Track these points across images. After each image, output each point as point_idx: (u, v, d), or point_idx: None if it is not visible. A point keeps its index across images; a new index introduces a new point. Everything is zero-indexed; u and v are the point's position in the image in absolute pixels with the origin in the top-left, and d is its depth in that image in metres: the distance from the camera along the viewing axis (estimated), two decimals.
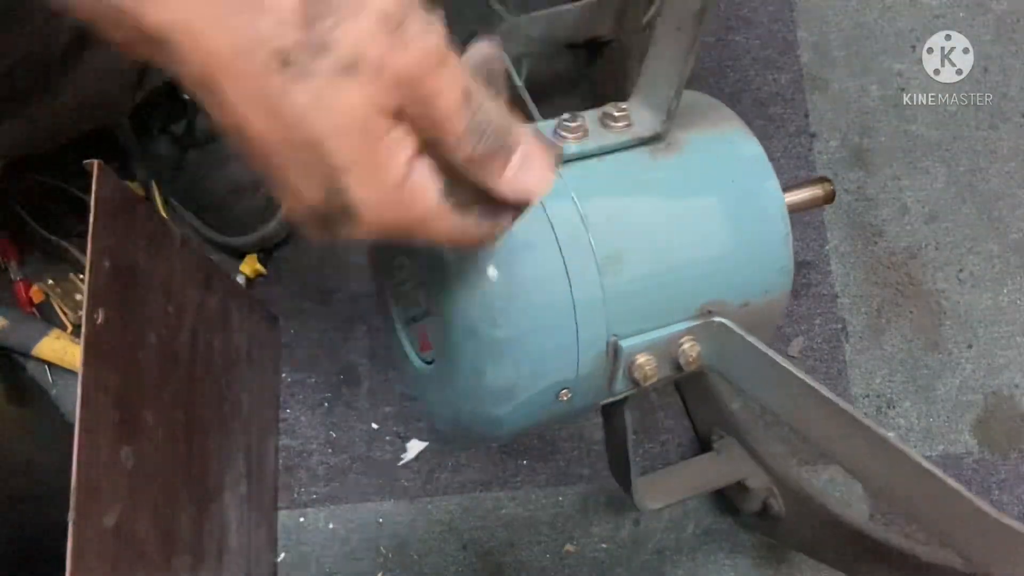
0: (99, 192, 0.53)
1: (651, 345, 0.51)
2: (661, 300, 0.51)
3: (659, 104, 0.53)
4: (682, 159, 0.53)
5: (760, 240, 0.53)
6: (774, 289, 0.54)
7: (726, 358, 0.52)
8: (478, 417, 0.50)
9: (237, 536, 0.76)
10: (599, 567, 0.87)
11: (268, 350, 0.89)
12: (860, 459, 0.47)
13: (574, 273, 0.48)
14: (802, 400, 0.49)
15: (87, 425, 0.50)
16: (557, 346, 0.48)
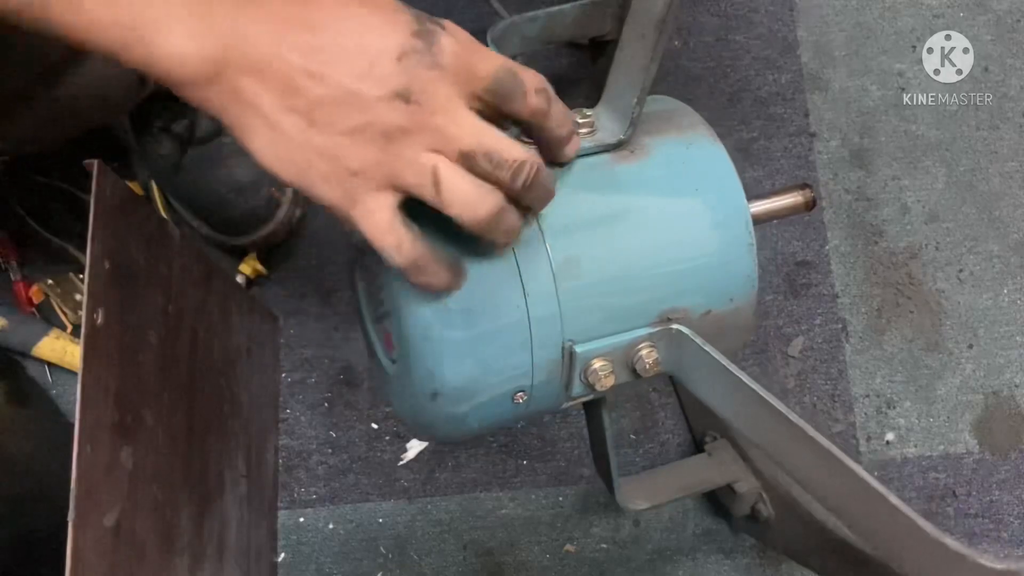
0: (99, 192, 0.53)
1: (608, 351, 0.50)
2: (618, 307, 0.51)
3: (623, 111, 0.53)
4: (644, 166, 0.53)
5: (723, 249, 0.53)
6: (739, 298, 0.54)
7: (683, 365, 0.52)
8: (437, 416, 0.50)
9: (237, 536, 0.76)
10: (599, 567, 0.87)
11: (268, 350, 0.89)
12: (807, 470, 0.47)
13: (528, 278, 0.48)
14: (754, 411, 0.49)
15: (87, 425, 0.50)
16: (510, 350, 0.48)
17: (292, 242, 0.94)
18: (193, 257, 0.69)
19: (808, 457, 0.46)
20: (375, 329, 0.56)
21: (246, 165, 0.89)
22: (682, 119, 0.57)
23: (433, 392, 0.48)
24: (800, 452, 0.47)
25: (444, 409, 0.49)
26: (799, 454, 0.47)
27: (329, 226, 0.95)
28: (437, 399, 0.49)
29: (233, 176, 0.88)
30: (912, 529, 0.42)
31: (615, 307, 0.51)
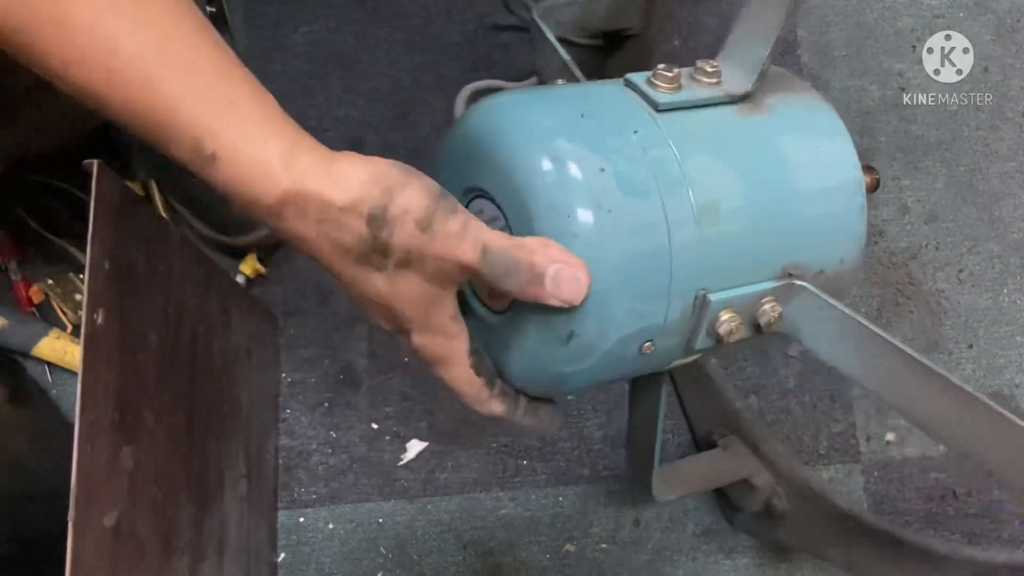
0: (99, 192, 0.53)
1: (736, 302, 0.50)
2: (749, 257, 0.51)
3: (750, 63, 0.53)
4: (769, 121, 0.53)
5: (839, 209, 0.54)
6: (848, 259, 0.55)
7: (805, 322, 0.52)
8: (554, 367, 0.49)
9: (237, 536, 0.76)
10: (599, 567, 0.87)
11: (268, 350, 0.89)
12: (952, 422, 0.47)
13: (673, 220, 0.47)
14: (889, 364, 0.48)
15: (87, 425, 0.50)
16: (649, 294, 0.48)
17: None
18: (193, 257, 0.69)
19: (950, 408, 0.46)
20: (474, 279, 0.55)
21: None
22: (791, 81, 0.58)
23: (569, 333, 0.47)
24: (941, 402, 0.46)
25: (574, 353, 0.48)
26: (938, 404, 0.47)
27: None
28: (571, 341, 0.47)
29: None
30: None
31: (746, 257, 0.51)
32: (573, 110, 0.50)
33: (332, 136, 0.98)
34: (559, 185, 0.46)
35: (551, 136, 0.47)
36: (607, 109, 0.50)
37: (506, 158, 0.48)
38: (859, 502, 0.90)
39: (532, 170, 0.47)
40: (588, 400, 0.91)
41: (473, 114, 0.52)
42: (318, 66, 1.00)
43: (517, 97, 0.52)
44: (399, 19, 1.02)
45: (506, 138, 0.48)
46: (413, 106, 0.99)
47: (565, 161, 0.46)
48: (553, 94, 0.53)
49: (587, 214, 0.45)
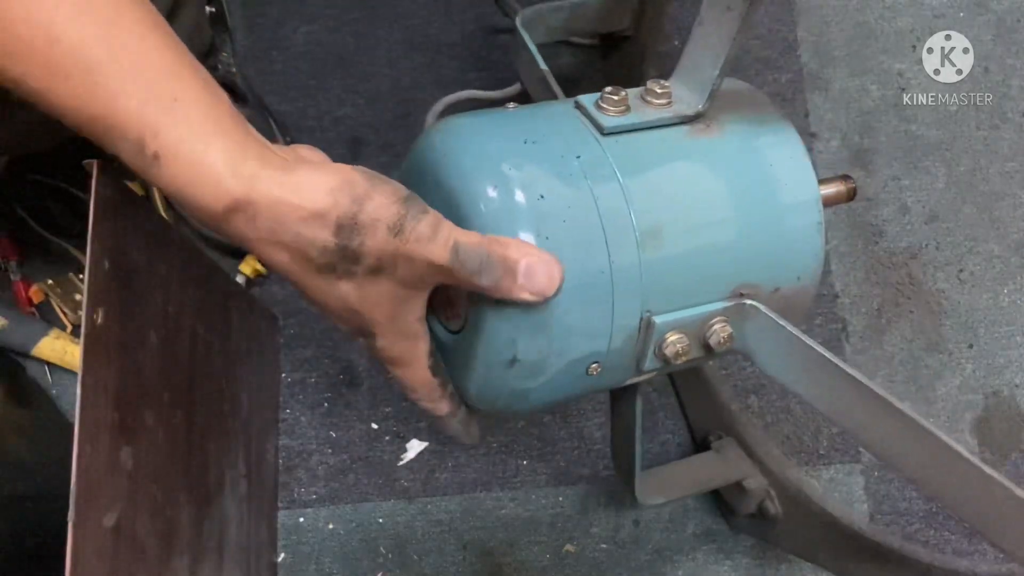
0: (99, 192, 0.53)
1: (683, 324, 0.51)
2: (696, 279, 0.51)
3: (701, 83, 0.53)
4: (721, 140, 0.53)
5: (794, 226, 0.54)
6: (805, 276, 0.55)
7: (757, 342, 0.52)
8: (504, 389, 0.50)
9: (237, 536, 0.76)
10: (599, 567, 0.87)
11: (268, 350, 0.89)
12: (894, 446, 0.47)
13: (614, 245, 0.48)
14: (835, 386, 0.48)
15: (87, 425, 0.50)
16: (592, 318, 0.48)
17: None
18: (193, 257, 0.69)
19: (892, 429, 0.46)
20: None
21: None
22: (750, 97, 0.58)
23: (512, 359, 0.48)
24: (884, 425, 0.47)
25: (519, 377, 0.49)
26: (882, 426, 0.47)
27: None
28: (515, 366, 0.48)
29: None
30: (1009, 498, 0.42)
31: (693, 279, 0.51)
32: (518, 136, 0.50)
33: (332, 136, 0.98)
34: (500, 211, 0.46)
35: (494, 163, 0.48)
36: (553, 134, 0.51)
37: (451, 183, 0.49)
38: (859, 502, 0.90)
39: (474, 196, 0.47)
40: (588, 400, 0.91)
41: (426, 137, 0.53)
42: (318, 66, 1.00)
43: (467, 120, 0.52)
44: (399, 19, 1.02)
45: (452, 163, 0.49)
46: (413, 106, 0.99)
47: (506, 188, 0.47)
48: (501, 118, 0.53)
49: (527, 240, 0.46)
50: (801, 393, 0.51)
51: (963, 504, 0.45)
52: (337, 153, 0.97)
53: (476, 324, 0.49)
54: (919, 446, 0.45)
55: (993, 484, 0.42)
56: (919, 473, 0.46)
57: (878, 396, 0.46)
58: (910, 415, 0.45)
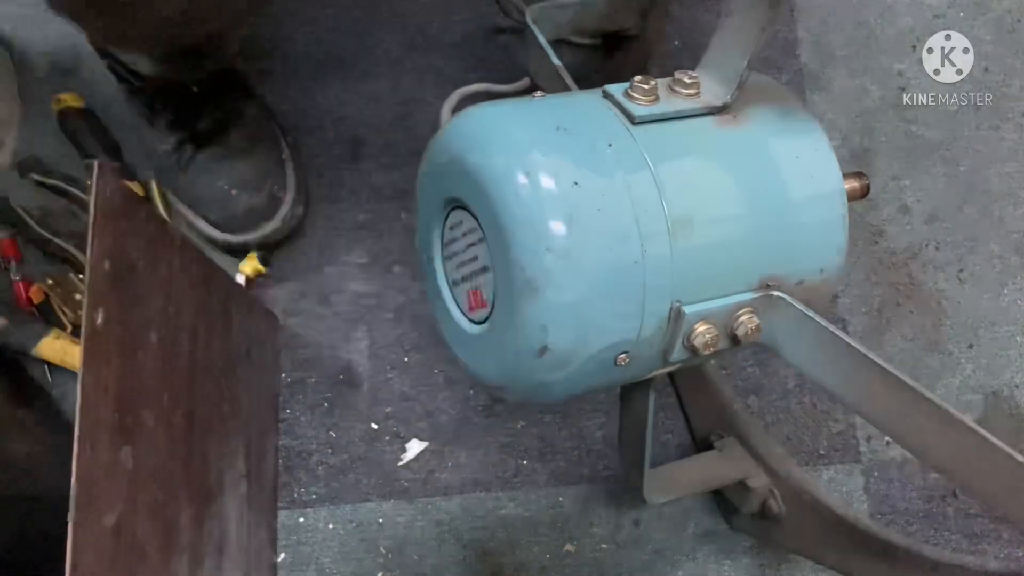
0: (99, 192, 0.53)
1: (712, 314, 0.51)
2: (725, 269, 0.51)
3: (728, 75, 0.53)
4: (747, 132, 0.54)
5: (818, 219, 0.54)
6: (828, 269, 0.55)
7: (782, 333, 0.52)
8: (533, 378, 0.50)
9: (237, 536, 0.76)
10: (599, 567, 0.87)
11: (268, 350, 0.89)
12: (922, 434, 0.47)
13: (646, 234, 0.47)
14: (863, 377, 0.48)
15: (87, 425, 0.50)
16: (623, 307, 0.48)
17: (292, 242, 0.94)
18: (193, 257, 0.69)
19: (927, 424, 0.46)
20: (454, 290, 0.55)
21: (250, 163, 0.89)
22: (774, 91, 0.58)
23: (542, 347, 0.47)
24: (918, 419, 0.47)
25: (549, 366, 0.48)
26: (916, 421, 0.47)
27: (329, 226, 0.95)
28: (545, 354, 0.48)
29: (237, 172, 0.88)
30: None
31: (722, 269, 0.51)
32: (549, 123, 0.50)
33: (332, 136, 0.98)
34: (532, 199, 0.46)
35: (526, 150, 0.48)
36: (583, 122, 0.51)
37: (481, 171, 0.48)
38: (859, 502, 0.90)
39: (506, 184, 0.47)
40: (588, 400, 0.91)
41: (452, 126, 0.52)
42: (318, 66, 1.00)
43: (495, 110, 0.52)
44: (399, 19, 1.02)
45: (482, 151, 0.49)
46: (413, 106, 0.99)
47: (539, 175, 0.46)
48: (530, 107, 0.53)
49: (560, 228, 0.46)
50: (826, 384, 0.51)
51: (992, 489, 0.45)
52: (337, 153, 0.97)
53: (505, 312, 0.49)
54: (947, 434, 0.45)
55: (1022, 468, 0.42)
56: (948, 461, 0.46)
57: (908, 387, 0.46)
58: (941, 405, 0.45)
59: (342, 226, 0.95)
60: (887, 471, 0.90)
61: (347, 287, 0.94)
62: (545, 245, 0.46)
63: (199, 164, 0.89)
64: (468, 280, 0.53)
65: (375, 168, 0.97)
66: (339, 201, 0.96)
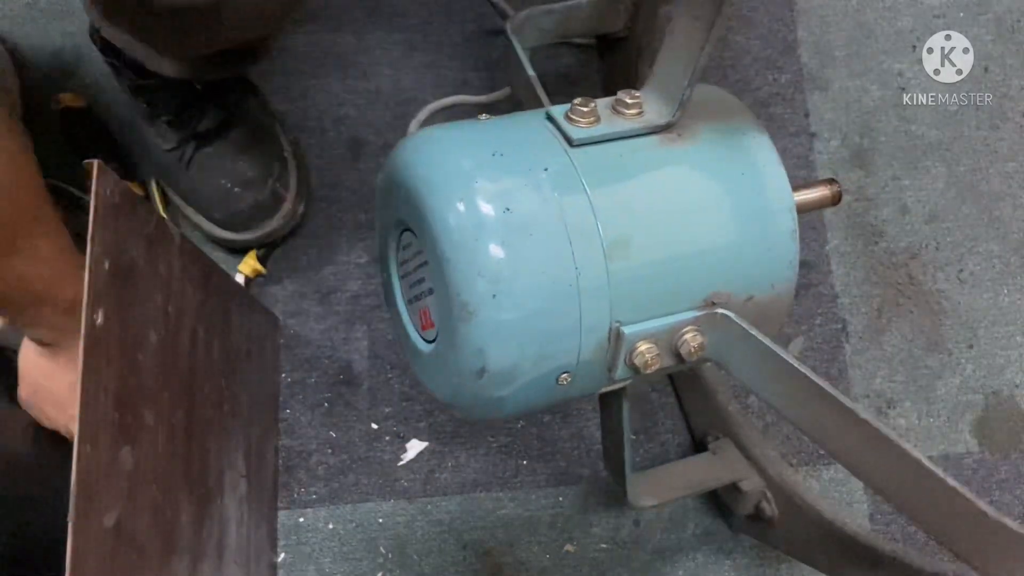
0: (99, 192, 0.53)
1: (653, 333, 0.51)
2: (666, 288, 0.51)
3: (672, 94, 0.53)
4: (692, 149, 0.53)
5: (767, 234, 0.53)
6: (780, 284, 0.54)
7: (728, 351, 0.52)
8: (478, 398, 0.50)
9: (237, 536, 0.76)
10: (599, 567, 0.87)
11: (268, 350, 0.89)
12: (860, 456, 0.47)
13: (580, 257, 0.48)
14: (803, 396, 0.49)
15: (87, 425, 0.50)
16: (560, 329, 0.48)
17: (292, 242, 0.94)
18: (193, 257, 0.69)
19: (858, 440, 0.46)
20: (409, 309, 0.56)
21: (252, 160, 0.89)
22: (725, 105, 0.58)
23: (480, 369, 0.48)
24: (850, 435, 0.47)
25: (489, 387, 0.49)
26: (849, 437, 0.47)
27: (329, 226, 0.95)
28: (484, 376, 0.48)
29: (239, 169, 0.88)
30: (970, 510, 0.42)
31: (662, 289, 0.51)
32: (487, 148, 0.50)
33: (332, 136, 0.98)
34: (466, 225, 0.47)
35: (462, 176, 0.48)
36: (522, 146, 0.51)
37: (420, 196, 0.49)
38: (859, 503, 0.90)
39: (441, 209, 0.48)
40: (588, 400, 0.91)
41: (399, 149, 0.53)
42: (318, 66, 1.00)
43: (437, 134, 0.53)
44: (399, 19, 1.02)
45: (421, 177, 0.50)
46: (413, 106, 0.99)
47: (473, 201, 0.47)
48: (473, 131, 0.53)
49: (492, 253, 0.46)
50: (770, 401, 0.51)
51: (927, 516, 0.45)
52: (337, 153, 0.97)
53: (447, 334, 0.50)
54: (885, 458, 0.45)
55: (956, 496, 0.42)
56: (884, 484, 0.47)
57: (845, 407, 0.46)
58: (876, 426, 0.45)
59: (342, 226, 0.95)
60: None
61: (347, 287, 0.94)
62: (477, 270, 0.46)
63: (201, 162, 0.89)
64: (419, 300, 0.54)
65: (375, 168, 0.97)
66: (339, 201, 0.96)
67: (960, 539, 0.44)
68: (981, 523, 0.42)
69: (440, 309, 0.50)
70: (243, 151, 0.89)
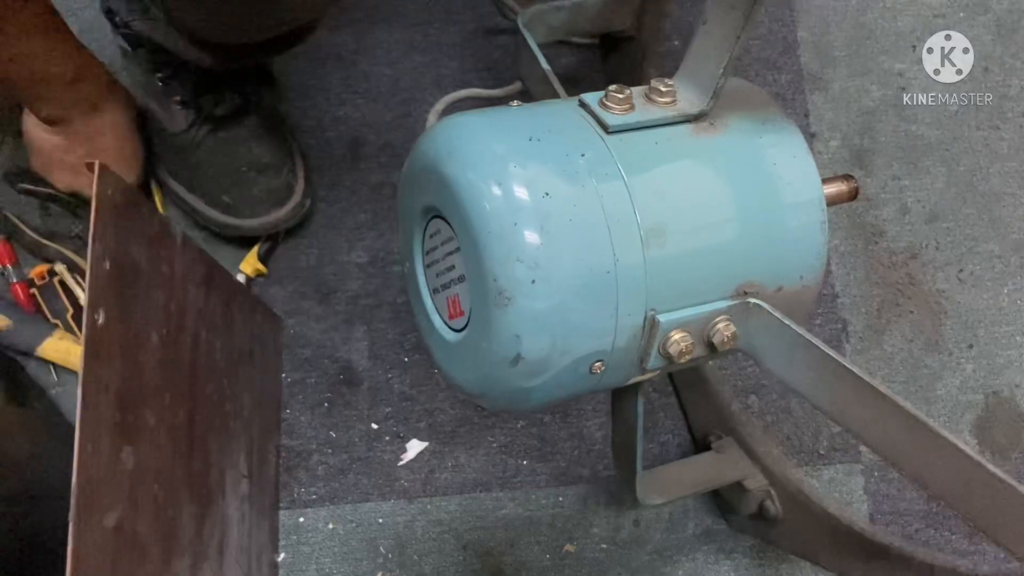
0: (101, 192, 0.53)
1: (687, 322, 0.51)
2: (700, 277, 0.51)
3: (705, 83, 0.53)
4: (724, 139, 0.53)
5: (797, 225, 0.53)
6: (808, 275, 0.55)
7: (760, 341, 0.52)
8: (508, 387, 0.50)
9: (237, 536, 0.76)
10: (599, 567, 0.87)
11: (270, 349, 0.89)
12: (897, 444, 0.47)
13: (618, 244, 0.48)
14: (840, 385, 0.48)
15: (88, 425, 0.50)
16: (596, 316, 0.48)
17: (292, 242, 0.94)
18: (195, 257, 0.69)
19: (895, 428, 0.46)
20: (435, 298, 0.56)
21: (267, 147, 0.89)
22: (753, 96, 0.58)
23: (516, 356, 0.48)
24: (892, 427, 0.47)
25: (522, 375, 0.49)
26: (885, 425, 0.47)
27: (329, 226, 0.95)
28: (519, 364, 0.48)
29: (254, 155, 0.88)
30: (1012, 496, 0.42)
31: (697, 278, 0.51)
32: (522, 133, 0.50)
33: (332, 136, 0.98)
34: (504, 210, 0.47)
35: (498, 161, 0.48)
36: (557, 132, 0.51)
37: (455, 181, 0.49)
38: (859, 502, 0.90)
39: (478, 194, 0.47)
40: (588, 400, 0.91)
41: (428, 135, 0.53)
42: (318, 66, 1.00)
43: (469, 119, 0.52)
44: (399, 19, 1.02)
45: (455, 161, 0.49)
46: (413, 106, 0.99)
47: (510, 186, 0.47)
48: (506, 116, 0.53)
49: (530, 239, 0.46)
50: (804, 392, 0.51)
51: (966, 502, 0.45)
52: (337, 153, 0.97)
53: (480, 321, 0.49)
54: (923, 445, 0.45)
55: (996, 482, 0.42)
56: (923, 472, 0.46)
57: (882, 395, 0.46)
58: (914, 413, 0.45)
59: (342, 226, 0.95)
60: (887, 471, 0.90)
61: (347, 287, 0.94)
62: (515, 256, 0.46)
63: (214, 145, 0.88)
64: (447, 288, 0.54)
65: (375, 168, 0.97)
66: (339, 201, 0.96)
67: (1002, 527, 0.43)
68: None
69: (473, 296, 0.50)
70: (258, 138, 0.88)
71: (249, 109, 0.89)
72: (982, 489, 0.43)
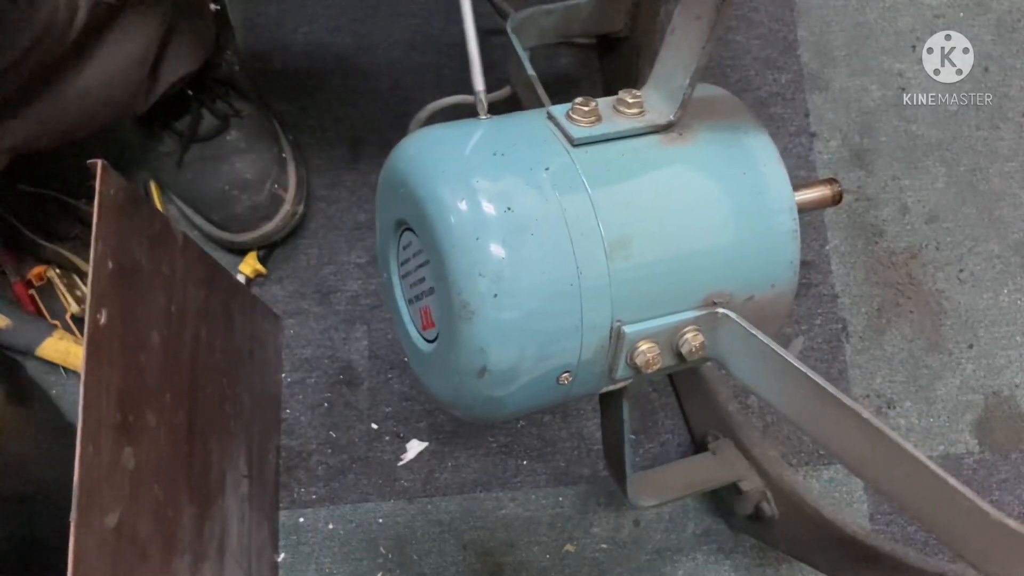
0: (103, 192, 0.53)
1: (654, 333, 0.51)
2: (667, 288, 0.51)
3: (673, 93, 0.53)
4: (693, 149, 0.53)
5: (768, 233, 0.53)
6: (780, 283, 0.54)
7: (728, 350, 0.52)
8: (478, 398, 0.50)
9: (238, 536, 0.76)
10: (599, 567, 0.87)
11: (270, 350, 0.89)
12: (861, 456, 0.47)
13: (581, 256, 0.48)
14: (804, 395, 0.49)
15: (89, 425, 0.50)
16: (561, 329, 0.48)
17: (292, 242, 0.94)
18: (196, 257, 0.69)
19: (858, 440, 0.46)
20: (409, 308, 0.56)
21: (250, 162, 0.89)
22: (726, 105, 0.58)
23: (482, 368, 0.48)
24: (850, 435, 0.47)
25: (490, 386, 0.49)
26: (849, 437, 0.47)
27: (329, 226, 0.95)
28: (485, 376, 0.48)
29: (236, 172, 0.88)
30: (971, 510, 0.41)
31: (663, 289, 0.51)
32: (488, 148, 0.50)
33: (332, 136, 0.98)
34: (467, 224, 0.47)
35: (463, 175, 0.48)
36: (523, 146, 0.51)
37: (421, 195, 0.49)
38: (859, 503, 0.90)
39: (443, 208, 0.48)
40: (588, 400, 0.92)
41: (400, 148, 0.53)
42: (318, 66, 1.00)
43: (438, 133, 0.53)
44: (399, 19, 1.02)
45: (422, 176, 0.50)
46: (413, 106, 0.99)
47: (474, 200, 0.47)
48: (473, 130, 0.53)
49: (494, 252, 0.46)
50: (770, 400, 0.51)
51: (928, 516, 0.45)
52: (337, 153, 0.97)
53: (448, 333, 0.50)
54: (885, 457, 0.45)
55: (957, 496, 0.42)
56: (885, 484, 0.46)
57: (846, 406, 0.46)
58: (876, 425, 0.45)
59: (342, 226, 0.95)
60: None
61: (347, 287, 0.94)
62: (478, 270, 0.46)
63: (197, 165, 0.89)
64: (419, 300, 0.54)
65: (375, 168, 0.97)
66: (339, 201, 0.96)
67: (961, 538, 0.43)
68: (982, 522, 0.42)
69: (441, 308, 0.50)
70: (239, 154, 0.89)
71: (228, 125, 0.89)
72: (946, 504, 0.43)
